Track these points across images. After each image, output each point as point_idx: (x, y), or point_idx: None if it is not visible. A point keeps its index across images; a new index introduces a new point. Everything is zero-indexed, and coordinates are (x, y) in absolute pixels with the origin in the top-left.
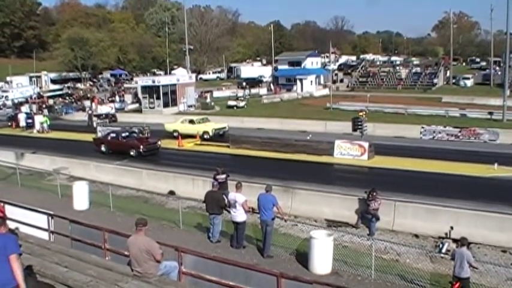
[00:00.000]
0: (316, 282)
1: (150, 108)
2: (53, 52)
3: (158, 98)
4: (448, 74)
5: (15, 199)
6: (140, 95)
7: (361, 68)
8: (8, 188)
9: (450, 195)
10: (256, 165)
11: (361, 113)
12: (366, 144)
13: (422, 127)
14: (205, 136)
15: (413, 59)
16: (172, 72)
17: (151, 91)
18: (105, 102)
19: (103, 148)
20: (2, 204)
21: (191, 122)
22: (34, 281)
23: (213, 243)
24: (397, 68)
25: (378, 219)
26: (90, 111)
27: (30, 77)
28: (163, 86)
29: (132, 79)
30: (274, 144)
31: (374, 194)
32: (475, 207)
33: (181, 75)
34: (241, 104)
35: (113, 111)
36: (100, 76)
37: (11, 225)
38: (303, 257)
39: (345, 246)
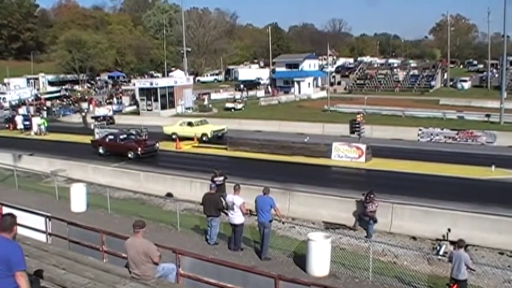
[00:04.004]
0: (314, 284)
1: (147, 110)
2: (51, 54)
3: (156, 100)
4: (445, 77)
5: (12, 201)
6: (138, 97)
7: (359, 70)
8: (5, 190)
9: (448, 197)
10: (254, 168)
11: (358, 116)
12: (363, 147)
13: (420, 129)
14: (204, 138)
15: (411, 61)
16: (170, 74)
17: (149, 93)
18: (103, 104)
19: (101, 150)
20: None
21: (189, 124)
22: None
23: (210, 245)
24: (395, 70)
25: (375, 221)
26: (83, 113)
27: (28, 79)
28: (161, 88)
29: (129, 81)
30: (272, 146)
31: (371, 196)
32: (472, 210)
33: (179, 78)
34: (239, 106)
35: (111, 113)
36: (98, 78)
37: None
38: (300, 259)
39: (342, 248)
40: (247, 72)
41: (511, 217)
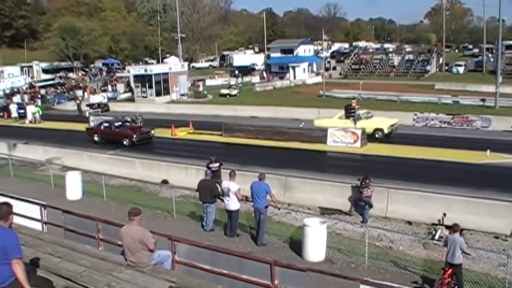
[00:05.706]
0: (310, 269)
1: (142, 97)
2: (44, 41)
3: (150, 87)
4: (440, 61)
5: (7, 190)
6: (132, 84)
7: (354, 55)
8: (0, 178)
9: (443, 182)
10: (249, 154)
11: (353, 101)
12: (358, 132)
13: (415, 114)
14: (376, 135)
15: (406, 46)
16: (165, 60)
17: (143, 80)
18: (97, 92)
19: (96, 138)
20: None
21: None
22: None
23: (206, 232)
24: (390, 55)
25: (371, 206)
26: (78, 101)
27: (22, 67)
28: (155, 74)
29: (124, 68)
30: (267, 132)
31: (367, 181)
32: (467, 194)
33: (173, 64)
34: (234, 92)
35: (105, 100)
36: (92, 65)
37: None
38: (296, 245)
39: (338, 233)
40: (242, 58)
41: (505, 201)
